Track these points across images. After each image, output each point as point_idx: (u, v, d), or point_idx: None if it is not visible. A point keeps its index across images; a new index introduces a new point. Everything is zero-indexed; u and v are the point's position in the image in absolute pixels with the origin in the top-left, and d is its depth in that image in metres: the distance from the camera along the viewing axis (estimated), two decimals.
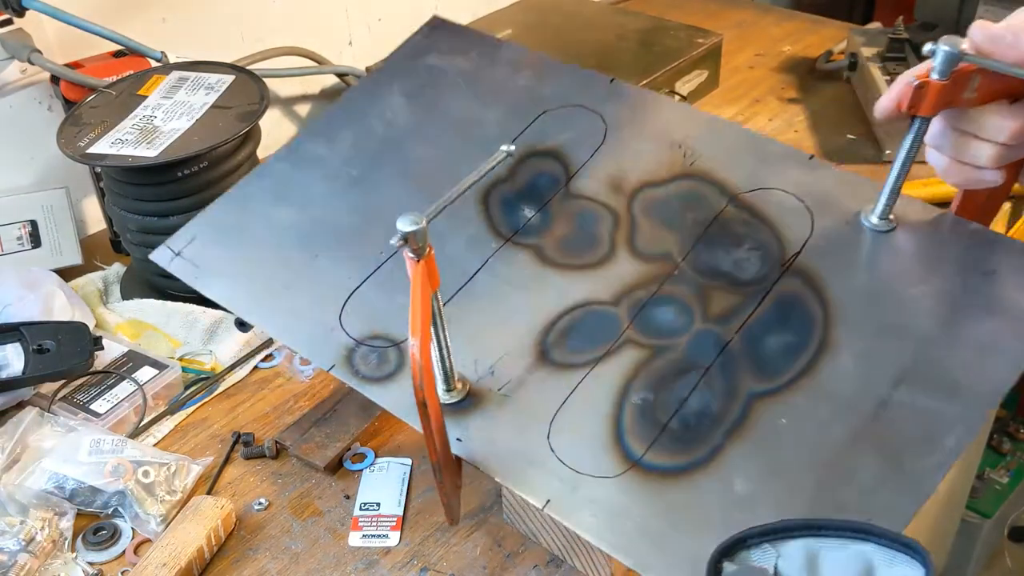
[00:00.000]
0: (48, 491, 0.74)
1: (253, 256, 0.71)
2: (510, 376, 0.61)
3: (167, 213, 0.91)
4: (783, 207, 0.66)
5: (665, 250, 0.65)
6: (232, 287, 0.69)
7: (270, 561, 0.72)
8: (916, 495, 0.52)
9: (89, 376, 0.86)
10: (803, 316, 0.60)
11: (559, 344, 0.62)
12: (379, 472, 0.79)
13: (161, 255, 0.72)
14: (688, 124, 0.72)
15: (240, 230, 0.72)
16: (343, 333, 0.65)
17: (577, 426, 0.58)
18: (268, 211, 0.73)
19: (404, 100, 0.78)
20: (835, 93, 1.34)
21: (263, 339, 0.92)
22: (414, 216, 0.52)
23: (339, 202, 0.73)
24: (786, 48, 1.49)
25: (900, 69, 1.24)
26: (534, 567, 0.71)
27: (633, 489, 0.55)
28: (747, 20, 1.58)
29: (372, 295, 0.67)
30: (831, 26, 1.55)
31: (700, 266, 0.64)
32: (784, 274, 0.62)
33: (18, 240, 1.01)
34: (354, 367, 0.63)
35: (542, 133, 0.73)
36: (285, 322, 0.67)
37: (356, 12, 1.32)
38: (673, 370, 0.59)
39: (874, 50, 1.29)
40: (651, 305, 0.62)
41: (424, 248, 0.53)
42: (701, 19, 1.50)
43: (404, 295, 0.53)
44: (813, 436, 0.55)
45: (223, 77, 0.97)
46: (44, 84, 1.04)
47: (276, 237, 0.71)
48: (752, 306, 0.61)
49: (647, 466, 0.56)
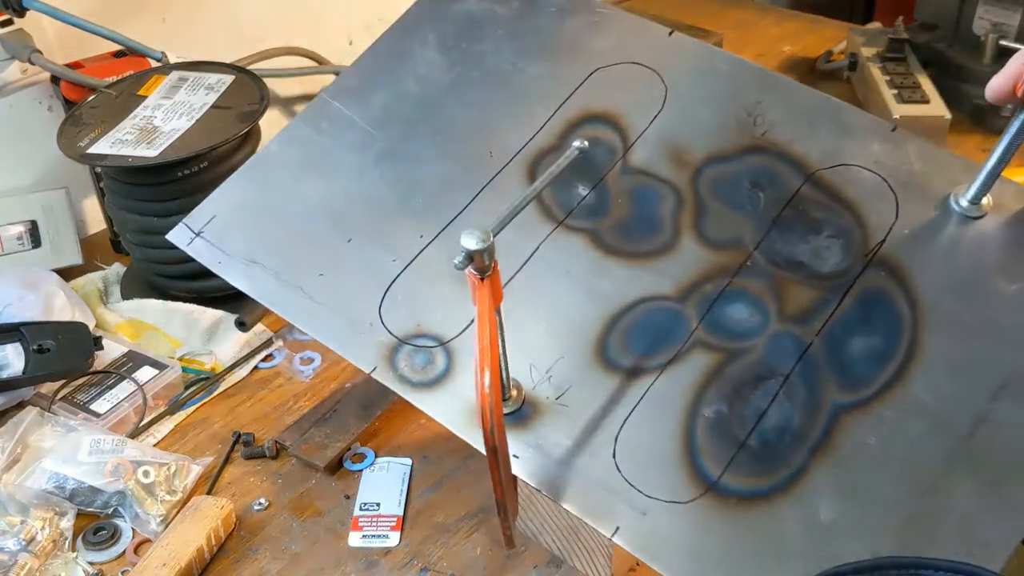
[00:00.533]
0: (48, 491, 0.74)
1: (280, 239, 0.64)
2: (568, 383, 0.56)
3: (167, 213, 0.91)
4: (865, 188, 0.60)
5: (736, 236, 0.59)
6: (258, 275, 0.63)
7: (270, 561, 0.72)
8: (1018, 525, 0.48)
9: (89, 376, 0.86)
10: (890, 316, 0.55)
11: (621, 347, 0.57)
12: (379, 472, 0.79)
13: (180, 235, 0.66)
14: (758, 86, 0.65)
15: (264, 209, 0.66)
16: (384, 330, 0.59)
17: (645, 443, 0.53)
18: (293, 184, 0.66)
19: (437, 54, 0.70)
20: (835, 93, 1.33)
21: (263, 339, 0.92)
22: (480, 233, 0.46)
23: (372, 174, 0.66)
24: (786, 48, 1.48)
25: (900, 69, 1.24)
26: (534, 567, 0.71)
27: (709, 517, 0.50)
28: (747, 20, 1.58)
29: (413, 284, 0.60)
30: (831, 26, 1.55)
31: (775, 256, 0.58)
32: (868, 266, 0.57)
33: (18, 240, 1.01)
34: (398, 370, 0.58)
35: (594, 94, 0.65)
36: (318, 317, 0.61)
37: (356, 12, 1.32)
38: (749, 377, 0.54)
39: (874, 50, 1.29)
40: (721, 302, 0.57)
41: (490, 266, 0.47)
42: (701, 19, 1.50)
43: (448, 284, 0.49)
44: (904, 457, 0.51)
45: (223, 77, 0.97)
46: (44, 84, 1.04)
47: (304, 216, 0.65)
48: (833, 304, 0.56)
49: (724, 490, 0.51)
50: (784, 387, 0.54)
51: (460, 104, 0.67)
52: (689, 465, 0.52)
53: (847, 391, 0.53)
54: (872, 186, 0.60)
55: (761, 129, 0.63)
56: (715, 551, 0.49)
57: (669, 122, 0.64)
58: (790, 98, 0.65)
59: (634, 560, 0.71)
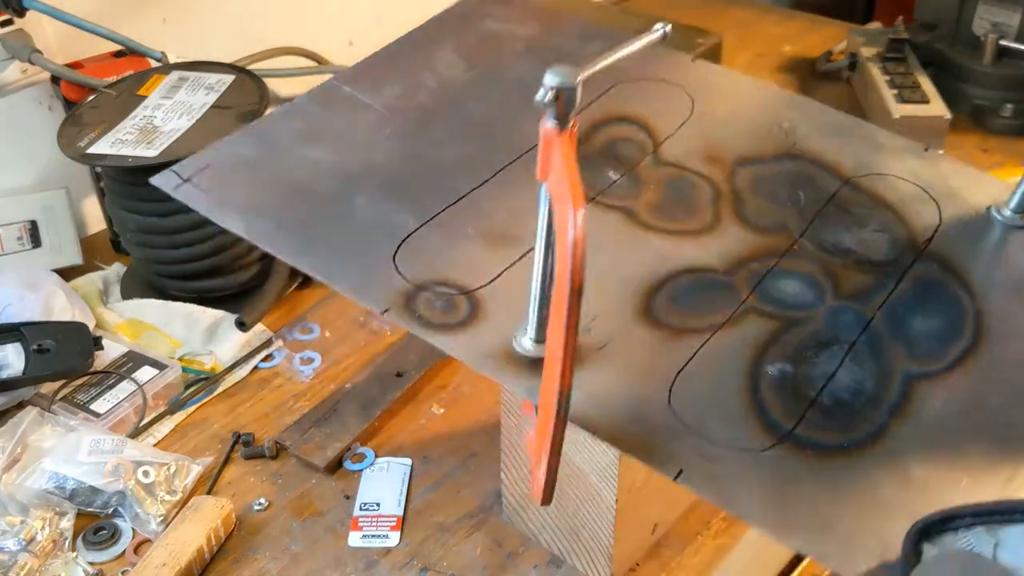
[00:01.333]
0: (48, 491, 0.74)
1: (282, 191, 0.59)
2: (611, 335, 0.51)
3: (167, 213, 0.91)
4: (904, 194, 0.59)
5: (779, 222, 0.57)
6: (255, 218, 0.58)
7: (270, 561, 0.72)
8: None
9: (89, 376, 0.86)
10: (950, 302, 0.53)
11: (667, 306, 0.53)
12: (379, 472, 0.79)
13: (165, 180, 0.60)
14: (784, 104, 0.65)
15: (264, 164, 0.61)
16: (398, 276, 0.54)
17: (705, 395, 0.49)
18: (299, 149, 0.62)
19: (456, 57, 0.69)
20: (835, 93, 1.34)
21: (263, 339, 0.92)
22: (566, 69, 0.42)
23: (385, 147, 0.62)
24: (786, 48, 1.49)
25: (900, 69, 1.24)
26: (534, 567, 0.71)
27: (788, 466, 0.46)
28: (747, 20, 1.58)
29: (431, 241, 0.56)
30: (831, 26, 1.55)
31: (822, 242, 0.56)
32: (919, 259, 0.55)
33: (18, 240, 1.00)
34: (416, 311, 0.53)
35: (620, 102, 0.64)
36: (323, 257, 0.56)
37: (356, 12, 1.32)
38: (811, 343, 0.51)
39: (874, 50, 1.29)
40: (771, 278, 0.54)
41: (569, 117, 0.43)
42: (701, 19, 1.50)
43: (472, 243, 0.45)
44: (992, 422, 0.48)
45: (223, 77, 0.97)
46: (44, 84, 1.04)
47: (310, 175, 0.60)
48: (890, 286, 0.54)
49: (800, 441, 0.47)
50: (850, 354, 0.51)
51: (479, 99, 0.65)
52: (756, 417, 0.48)
53: (918, 362, 0.51)
54: (911, 193, 0.59)
55: (792, 140, 0.62)
56: (800, 500, 0.45)
57: (698, 127, 0.63)
58: (818, 116, 0.64)
59: (634, 560, 0.71)
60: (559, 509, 0.68)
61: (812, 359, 0.51)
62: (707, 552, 0.74)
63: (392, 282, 0.54)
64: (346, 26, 1.32)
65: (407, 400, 0.86)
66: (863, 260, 0.56)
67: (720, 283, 0.54)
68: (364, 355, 0.91)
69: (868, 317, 0.53)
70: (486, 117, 0.62)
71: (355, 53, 1.33)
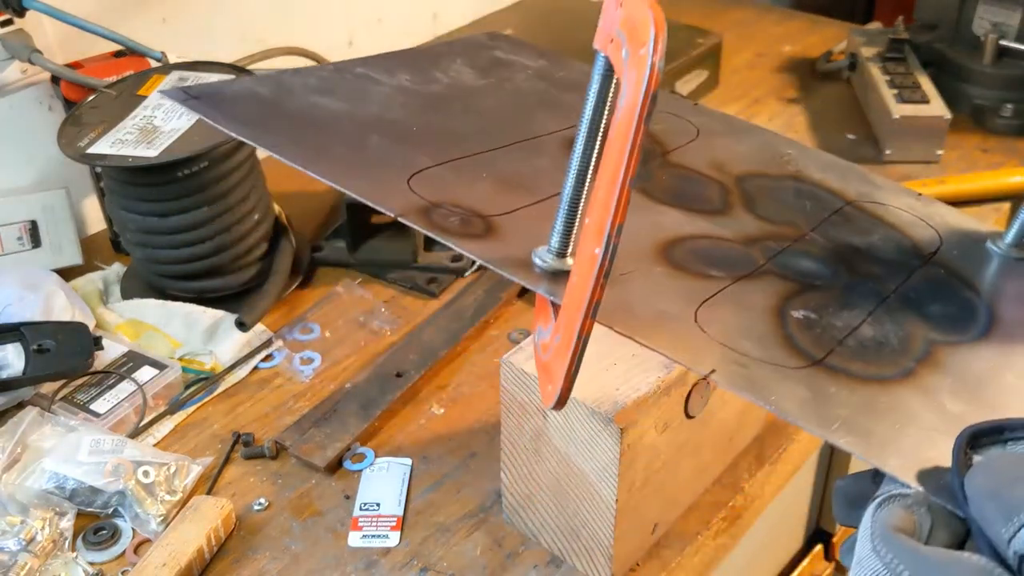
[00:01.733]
0: (48, 491, 0.74)
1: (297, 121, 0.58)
2: (632, 268, 0.51)
3: (167, 213, 0.91)
4: (905, 219, 0.61)
5: (789, 219, 0.58)
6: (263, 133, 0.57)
7: (270, 561, 0.72)
8: None
9: (89, 376, 0.86)
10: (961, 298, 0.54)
11: (687, 257, 0.53)
12: (379, 472, 0.79)
13: (175, 95, 0.59)
14: (783, 143, 0.69)
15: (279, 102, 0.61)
16: (414, 195, 0.53)
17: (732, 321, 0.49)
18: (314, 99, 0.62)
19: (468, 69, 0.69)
20: (835, 93, 1.35)
21: (263, 339, 0.92)
22: None
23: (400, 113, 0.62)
24: (786, 48, 1.49)
25: (900, 69, 1.24)
26: (534, 567, 0.71)
27: (822, 384, 0.46)
28: (747, 20, 1.58)
29: (447, 177, 0.55)
30: (831, 26, 1.55)
31: (832, 239, 0.57)
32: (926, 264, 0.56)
33: (18, 240, 1.01)
34: (432, 219, 0.52)
35: None
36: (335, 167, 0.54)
37: (356, 12, 1.32)
38: (833, 303, 0.51)
39: (874, 50, 1.29)
40: (787, 254, 0.55)
41: None
42: (701, 19, 1.50)
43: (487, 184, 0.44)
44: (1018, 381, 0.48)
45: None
46: (44, 84, 1.04)
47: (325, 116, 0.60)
48: (902, 277, 0.55)
49: (833, 367, 0.47)
50: (871, 316, 0.51)
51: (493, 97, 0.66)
52: (787, 344, 0.48)
53: (940, 333, 0.51)
54: (910, 220, 0.61)
55: (795, 167, 0.64)
56: (838, 409, 0.44)
57: (705, 147, 0.65)
58: (816, 157, 0.67)
59: (634, 560, 0.71)
60: (559, 509, 0.68)
61: (836, 313, 0.51)
62: (707, 552, 0.74)
63: (407, 197, 0.53)
64: (346, 26, 1.32)
65: (407, 400, 0.86)
66: (873, 258, 0.57)
67: (737, 250, 0.55)
68: (364, 355, 0.91)
69: (886, 294, 0.53)
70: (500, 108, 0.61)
71: (355, 53, 1.33)
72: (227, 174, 0.92)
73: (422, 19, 1.39)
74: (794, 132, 1.25)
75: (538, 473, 0.68)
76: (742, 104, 1.33)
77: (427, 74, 0.68)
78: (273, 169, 0.98)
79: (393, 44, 0.85)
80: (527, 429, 0.67)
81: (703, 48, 1.31)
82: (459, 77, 0.69)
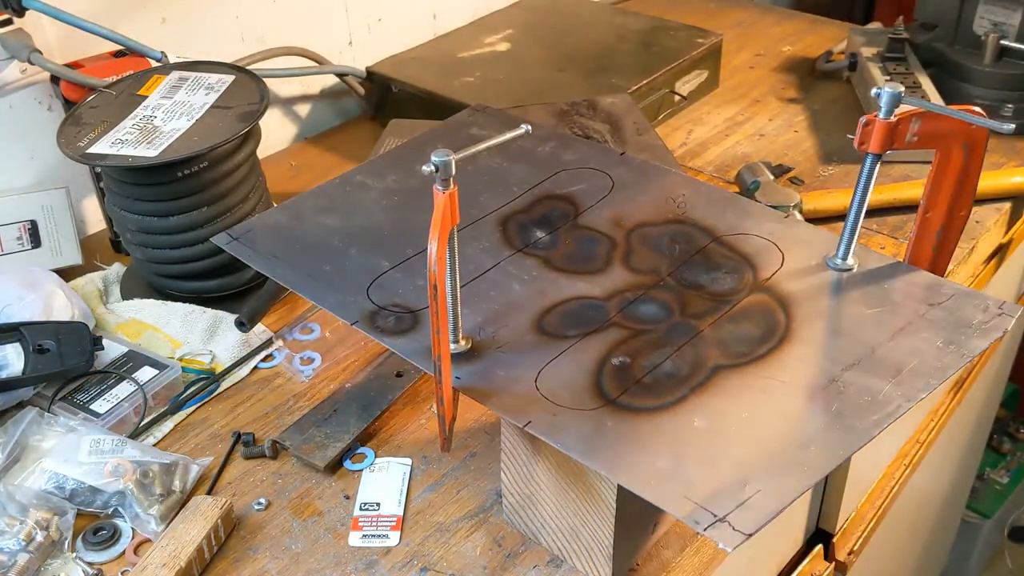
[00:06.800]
0: (48, 491, 0.74)
1: (300, 246, 0.79)
2: (509, 339, 0.69)
3: (167, 213, 0.91)
4: (758, 246, 0.77)
5: (654, 267, 0.75)
6: (278, 264, 0.77)
7: (270, 561, 0.72)
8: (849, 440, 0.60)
9: (89, 376, 0.86)
10: (770, 319, 0.70)
11: (554, 323, 0.71)
12: (379, 472, 0.79)
13: (221, 239, 0.80)
14: (684, 186, 0.84)
15: (291, 228, 0.82)
16: (368, 301, 0.73)
17: (562, 377, 0.66)
18: (318, 218, 0.82)
19: None
20: (835, 93, 1.35)
21: (263, 339, 0.92)
22: (445, 151, 0.60)
23: (380, 217, 0.83)
24: (786, 48, 1.49)
25: (900, 69, 1.24)
26: (534, 567, 0.71)
27: (605, 419, 0.62)
28: (747, 20, 1.58)
29: (397, 278, 0.75)
30: (831, 26, 1.55)
31: (682, 280, 0.74)
32: (755, 290, 0.72)
33: (18, 240, 1.01)
34: (375, 324, 0.71)
35: (558, 184, 0.85)
36: (319, 291, 0.74)
37: (356, 12, 1.32)
38: (651, 345, 0.68)
39: (874, 50, 1.29)
40: (637, 303, 0.72)
41: (450, 181, 0.61)
42: (701, 19, 1.50)
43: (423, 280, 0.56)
44: (768, 394, 0.64)
45: (223, 77, 0.97)
46: (44, 84, 1.04)
47: (321, 235, 0.81)
48: (725, 308, 0.71)
49: (619, 405, 0.63)
50: (677, 352, 0.67)
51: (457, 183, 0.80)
52: (594, 387, 0.65)
53: (728, 357, 0.67)
54: (764, 246, 0.77)
55: (682, 210, 0.81)
56: (605, 442, 0.61)
57: (612, 202, 0.83)
58: (706, 193, 0.83)
59: (634, 560, 0.71)
60: (559, 509, 0.68)
61: (648, 354, 0.67)
62: (707, 552, 0.74)
63: (363, 305, 0.73)
64: (346, 26, 1.32)
65: (407, 400, 0.86)
66: (710, 293, 0.72)
67: (597, 306, 0.72)
68: (364, 355, 0.91)
69: (700, 329, 0.69)
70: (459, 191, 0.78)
71: (355, 53, 1.34)
72: (227, 174, 0.92)
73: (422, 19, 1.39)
74: (794, 132, 1.25)
75: (538, 473, 0.68)
76: (742, 104, 1.33)
77: (410, 169, 0.88)
78: (273, 169, 0.98)
79: (393, 44, 0.85)
80: None
81: (703, 48, 1.31)
82: None
